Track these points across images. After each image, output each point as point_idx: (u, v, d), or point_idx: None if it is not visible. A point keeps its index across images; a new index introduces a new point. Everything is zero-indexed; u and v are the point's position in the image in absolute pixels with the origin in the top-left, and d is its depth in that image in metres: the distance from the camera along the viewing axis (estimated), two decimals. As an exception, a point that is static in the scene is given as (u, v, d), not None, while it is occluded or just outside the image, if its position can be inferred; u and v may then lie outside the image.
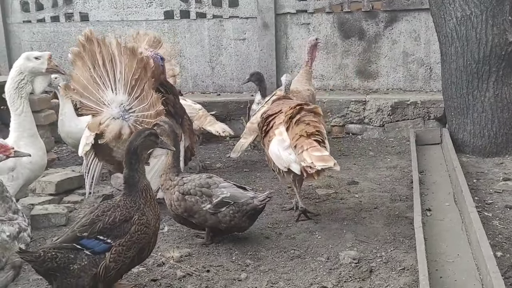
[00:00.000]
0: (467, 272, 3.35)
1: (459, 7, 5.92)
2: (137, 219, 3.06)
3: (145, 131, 3.23)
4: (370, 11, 7.87)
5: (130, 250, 3.04)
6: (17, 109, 4.06)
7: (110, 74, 4.50)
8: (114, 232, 2.99)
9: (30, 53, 4.24)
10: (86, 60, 4.51)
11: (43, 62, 4.21)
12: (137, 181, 3.14)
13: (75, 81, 4.55)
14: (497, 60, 5.88)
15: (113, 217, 3.01)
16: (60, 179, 5.15)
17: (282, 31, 8.11)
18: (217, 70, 8.38)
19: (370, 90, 7.96)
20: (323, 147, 4.13)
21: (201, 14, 8.33)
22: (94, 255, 2.95)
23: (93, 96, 4.53)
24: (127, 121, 4.50)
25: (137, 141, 3.15)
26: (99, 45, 4.49)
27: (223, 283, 3.42)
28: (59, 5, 8.61)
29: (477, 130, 6.07)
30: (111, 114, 4.49)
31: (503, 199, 4.70)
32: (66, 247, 2.93)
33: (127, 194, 3.13)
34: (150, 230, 3.13)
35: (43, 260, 2.86)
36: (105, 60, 4.49)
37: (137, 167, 3.14)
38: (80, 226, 3.01)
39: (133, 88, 4.49)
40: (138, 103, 4.51)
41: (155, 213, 3.18)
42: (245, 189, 4.05)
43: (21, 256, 2.87)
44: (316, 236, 4.11)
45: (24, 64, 4.16)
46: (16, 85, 4.12)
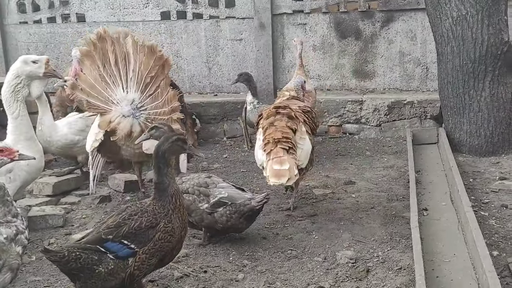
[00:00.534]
0: (463, 272, 3.36)
1: (455, 7, 5.94)
2: (162, 226, 3.01)
3: (173, 136, 3.19)
4: (366, 11, 7.88)
5: (153, 258, 3.01)
6: (14, 113, 4.05)
7: (122, 72, 4.56)
8: (139, 238, 2.95)
9: (27, 57, 4.20)
10: (95, 59, 4.56)
11: (41, 66, 4.18)
12: (167, 186, 3.09)
13: (82, 80, 4.60)
14: (493, 59, 5.90)
15: (139, 222, 2.97)
16: (57, 181, 5.15)
17: (279, 32, 8.11)
18: (214, 71, 8.39)
19: (367, 90, 7.98)
20: (291, 153, 4.21)
21: (197, 15, 8.33)
22: (117, 260, 2.93)
23: (100, 95, 4.57)
24: (137, 119, 4.56)
25: (164, 146, 3.12)
26: (112, 43, 4.54)
27: (221, 284, 3.43)
28: (56, 6, 8.60)
29: (473, 129, 6.09)
30: (121, 112, 4.54)
31: (499, 198, 4.72)
32: (90, 248, 2.92)
33: (157, 199, 3.09)
34: (174, 238, 3.08)
35: (67, 260, 2.87)
36: (118, 58, 4.56)
37: (166, 172, 3.10)
38: (106, 227, 2.99)
39: (147, 85, 4.58)
40: (150, 100, 4.59)
41: (182, 221, 3.13)
42: (244, 190, 4.05)
43: (46, 256, 2.89)
44: (313, 236, 4.12)
45: (21, 67, 4.14)
46: (12, 88, 4.09)
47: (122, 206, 3.37)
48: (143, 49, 4.61)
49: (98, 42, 4.58)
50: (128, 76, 4.57)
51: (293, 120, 4.43)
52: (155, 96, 4.61)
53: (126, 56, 4.59)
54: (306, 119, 4.57)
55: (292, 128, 4.36)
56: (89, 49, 4.59)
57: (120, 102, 4.56)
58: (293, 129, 4.36)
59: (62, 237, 4.26)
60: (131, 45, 4.61)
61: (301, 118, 4.52)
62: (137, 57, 4.58)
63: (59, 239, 4.23)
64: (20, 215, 3.02)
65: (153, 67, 4.60)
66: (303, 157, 4.33)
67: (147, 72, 4.58)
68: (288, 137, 4.27)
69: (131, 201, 5.09)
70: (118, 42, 4.60)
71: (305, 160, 4.36)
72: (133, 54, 4.59)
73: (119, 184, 5.37)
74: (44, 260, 3.85)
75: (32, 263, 3.81)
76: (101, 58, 4.57)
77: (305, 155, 4.35)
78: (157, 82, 4.61)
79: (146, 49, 4.61)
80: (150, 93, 4.60)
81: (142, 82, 4.57)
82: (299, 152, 4.31)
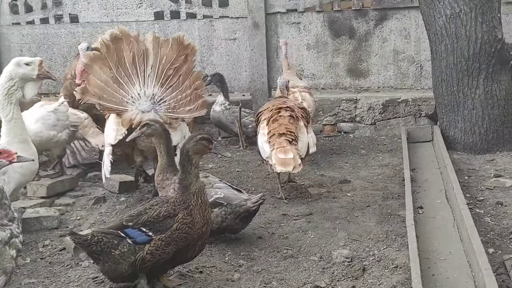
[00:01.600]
0: (459, 269, 3.36)
1: (448, 5, 5.94)
2: (181, 217, 3.15)
3: (198, 136, 3.27)
4: (360, 9, 7.88)
5: (169, 247, 3.13)
6: (7, 116, 4.03)
7: (140, 69, 4.68)
8: (156, 226, 3.13)
9: (20, 59, 4.17)
10: (107, 61, 4.63)
11: (34, 68, 4.16)
12: (189, 184, 3.21)
13: (92, 85, 4.65)
14: (487, 57, 5.91)
15: (157, 212, 3.15)
16: (51, 182, 5.12)
17: (273, 31, 8.10)
18: (208, 70, 8.35)
19: (361, 89, 7.98)
20: (294, 144, 4.71)
21: (191, 15, 8.31)
22: (135, 245, 3.10)
23: (113, 96, 4.64)
24: (157, 112, 4.66)
25: (188, 145, 3.23)
26: (130, 42, 4.66)
27: (216, 284, 3.42)
28: (49, 7, 8.55)
29: (468, 127, 6.10)
30: (139, 110, 4.63)
31: (494, 195, 4.73)
32: (112, 233, 3.14)
33: (180, 194, 3.23)
34: (194, 232, 3.18)
35: (89, 243, 3.11)
36: (135, 56, 4.66)
37: (189, 170, 3.22)
38: (128, 216, 3.22)
39: (168, 77, 4.74)
40: (171, 91, 4.74)
41: (204, 218, 3.23)
42: (240, 191, 4.04)
43: (71, 238, 3.18)
44: (309, 236, 4.11)
45: (14, 70, 4.11)
46: (6, 91, 4.06)
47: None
48: (167, 43, 4.78)
49: (112, 43, 4.64)
50: (146, 72, 4.70)
51: (294, 116, 4.91)
52: (176, 84, 4.78)
53: (144, 53, 4.70)
54: (303, 115, 5.03)
55: (294, 123, 4.86)
56: (99, 52, 4.65)
57: (137, 100, 4.66)
58: (295, 124, 4.86)
59: (56, 238, 4.24)
60: (151, 41, 4.76)
61: (299, 114, 5.00)
62: (158, 52, 4.72)
63: (54, 240, 4.20)
64: (16, 219, 3.01)
65: (177, 58, 4.78)
66: (303, 148, 4.85)
67: (169, 64, 4.74)
68: (291, 131, 4.78)
69: (126, 202, 5.08)
70: (137, 40, 4.72)
71: (304, 151, 4.87)
72: (153, 49, 4.72)
73: (113, 185, 5.35)
74: (38, 262, 3.85)
75: (26, 265, 3.79)
76: (113, 59, 4.63)
77: (304, 147, 4.88)
78: (180, 71, 4.79)
79: (171, 42, 4.79)
80: (172, 84, 4.76)
81: (163, 75, 4.72)
82: (300, 144, 4.80)
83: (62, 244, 4.07)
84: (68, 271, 3.68)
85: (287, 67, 6.68)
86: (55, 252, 3.99)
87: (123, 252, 3.10)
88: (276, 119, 4.89)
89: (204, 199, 3.25)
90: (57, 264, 3.80)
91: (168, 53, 4.75)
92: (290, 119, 4.87)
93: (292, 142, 4.71)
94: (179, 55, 4.79)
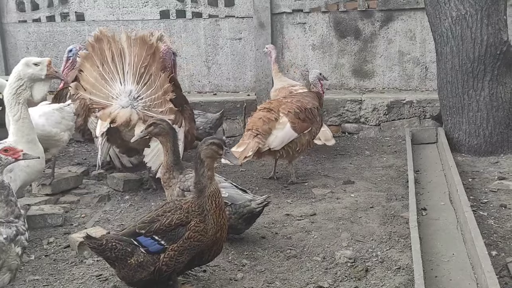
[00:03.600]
0: (462, 271, 3.36)
1: (454, 7, 5.94)
2: (193, 225, 3.10)
3: (209, 140, 3.26)
4: (365, 10, 7.88)
5: (182, 256, 3.09)
6: (15, 115, 4.05)
7: (119, 67, 4.89)
8: (169, 235, 3.08)
9: (29, 59, 4.20)
10: (95, 60, 4.90)
11: (42, 68, 4.19)
12: (203, 187, 3.18)
13: (84, 80, 4.93)
14: (492, 59, 5.90)
15: (170, 220, 3.10)
16: (56, 179, 5.14)
17: (278, 31, 8.11)
18: (213, 70, 8.38)
19: (366, 90, 7.98)
20: (258, 138, 5.13)
21: (197, 14, 8.33)
22: (148, 254, 3.07)
23: (101, 92, 4.90)
24: (135, 108, 4.85)
25: (200, 148, 3.23)
26: (108, 42, 4.89)
27: (219, 283, 3.43)
28: (55, 5, 8.58)
29: (472, 129, 6.09)
30: (120, 105, 4.84)
31: (498, 198, 4.72)
32: (126, 240, 3.11)
33: (196, 197, 3.20)
34: (207, 239, 3.14)
35: (104, 249, 3.09)
36: (114, 55, 4.89)
37: (202, 173, 3.20)
38: (141, 222, 3.16)
39: (141, 75, 4.89)
40: (146, 89, 4.89)
41: (217, 223, 3.17)
42: (245, 191, 4.05)
43: (86, 242, 3.14)
44: (312, 236, 4.12)
45: (23, 70, 4.13)
46: (14, 91, 4.09)
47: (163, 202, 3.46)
48: (136, 42, 4.91)
49: (96, 43, 4.92)
50: (125, 70, 4.89)
51: (272, 112, 5.30)
52: (149, 83, 4.91)
53: (121, 51, 4.90)
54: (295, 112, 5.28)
55: (270, 118, 5.24)
56: (89, 51, 4.91)
57: (119, 95, 4.86)
58: (271, 119, 5.25)
59: (61, 236, 4.26)
60: (125, 40, 4.92)
61: (286, 111, 5.29)
62: (131, 51, 4.89)
63: (58, 238, 4.23)
64: (22, 216, 3.03)
65: (145, 56, 4.89)
66: (275, 142, 5.19)
67: (141, 63, 4.88)
68: (257, 125, 5.22)
69: (130, 200, 5.10)
70: (113, 40, 4.90)
71: (279, 144, 5.20)
72: (127, 48, 4.90)
73: (118, 183, 5.37)
74: (43, 259, 3.87)
75: (31, 262, 3.81)
76: (99, 57, 4.90)
77: (278, 141, 5.19)
78: (150, 70, 4.91)
79: (138, 41, 4.91)
80: (145, 81, 4.90)
81: (137, 73, 4.87)
82: (272, 138, 5.19)
83: (67, 242, 4.09)
84: (72, 268, 3.70)
85: (277, 71, 6.84)
86: (60, 250, 4.01)
87: (140, 262, 3.07)
88: (252, 115, 5.52)
89: (219, 203, 3.19)
90: (61, 261, 3.83)
91: (138, 52, 4.91)
92: (265, 115, 5.28)
93: (258, 136, 5.15)
94: (147, 54, 4.91)
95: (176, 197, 3.89)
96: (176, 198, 3.87)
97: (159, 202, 4.88)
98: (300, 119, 5.30)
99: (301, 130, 5.29)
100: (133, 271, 3.09)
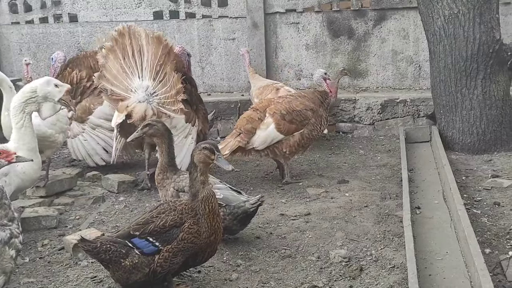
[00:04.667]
0: (456, 270, 3.38)
1: (446, 6, 5.96)
2: (187, 227, 3.10)
3: (201, 145, 3.27)
4: (359, 9, 7.90)
5: (176, 257, 3.10)
6: (18, 123, 4.05)
7: (138, 63, 5.12)
8: (163, 236, 3.08)
9: (52, 80, 4.28)
10: (118, 53, 5.13)
11: (61, 91, 4.23)
12: (197, 191, 3.19)
13: (107, 71, 5.14)
14: (485, 58, 5.93)
15: (164, 221, 3.10)
16: (50, 181, 5.13)
17: (272, 31, 8.12)
18: (207, 70, 8.39)
19: (360, 89, 8.00)
20: (240, 137, 5.27)
21: (190, 14, 8.33)
22: (143, 255, 3.07)
23: (122, 84, 5.12)
24: (150, 104, 5.04)
25: (194, 152, 3.25)
26: (129, 37, 5.13)
27: (214, 284, 3.44)
28: (48, 6, 8.57)
29: (465, 127, 6.12)
30: (137, 99, 5.04)
31: (491, 196, 4.74)
32: (120, 242, 3.10)
33: (190, 201, 3.21)
34: (200, 241, 3.14)
35: (98, 251, 3.08)
36: (134, 51, 5.12)
37: (195, 177, 3.20)
38: (135, 223, 3.16)
39: (157, 73, 5.11)
40: (161, 86, 5.09)
41: (211, 226, 3.17)
42: (240, 192, 4.05)
43: (80, 244, 3.13)
44: (307, 236, 4.13)
45: (42, 85, 4.16)
46: (24, 99, 4.10)
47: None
48: (153, 40, 5.14)
49: (119, 38, 5.14)
50: (143, 66, 5.12)
51: (257, 111, 5.40)
52: (164, 82, 5.11)
53: (141, 48, 5.14)
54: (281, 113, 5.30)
55: (253, 118, 5.35)
56: (113, 44, 5.13)
57: (137, 89, 5.07)
58: (255, 118, 5.34)
59: (55, 238, 4.25)
60: (144, 37, 5.15)
61: (272, 111, 5.32)
62: (149, 48, 5.12)
63: (53, 240, 4.22)
64: (16, 219, 3.02)
65: (161, 55, 5.13)
66: (257, 141, 5.26)
67: (157, 61, 5.11)
68: (240, 124, 5.36)
69: (124, 201, 5.10)
70: (134, 36, 5.14)
71: (260, 144, 5.27)
72: (146, 45, 5.14)
73: (112, 184, 5.37)
74: (37, 261, 3.86)
75: (25, 265, 3.80)
76: (121, 51, 5.13)
77: (260, 141, 5.27)
78: (165, 69, 5.12)
79: (155, 40, 5.15)
80: (160, 79, 5.11)
81: (154, 70, 5.10)
82: (255, 138, 5.27)
83: (61, 244, 4.08)
84: (66, 270, 3.70)
85: (253, 72, 6.92)
86: (54, 252, 4.00)
87: (134, 263, 3.06)
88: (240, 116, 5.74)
89: (212, 207, 3.18)
90: (55, 263, 3.82)
91: (154, 50, 5.14)
92: (250, 115, 5.41)
93: (240, 135, 5.30)
94: (162, 53, 5.14)
95: (171, 197, 3.90)
96: (171, 198, 3.88)
97: (153, 203, 4.88)
98: (286, 120, 5.28)
99: (287, 131, 5.28)
100: (128, 273, 3.08)
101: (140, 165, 6.23)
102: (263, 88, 6.59)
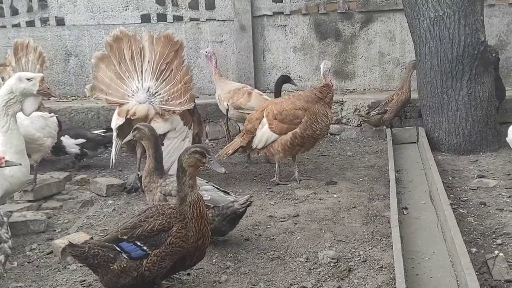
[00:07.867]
0: (443, 269, 3.41)
1: (432, 8, 6.02)
2: (175, 231, 3.10)
3: (192, 148, 3.25)
4: (346, 12, 7.95)
5: (165, 261, 3.10)
6: (3, 127, 4.04)
7: (137, 65, 5.19)
8: (151, 241, 3.08)
9: (22, 74, 4.19)
10: (111, 59, 5.17)
11: (35, 84, 4.16)
12: (185, 195, 3.19)
13: (99, 81, 5.17)
14: (470, 59, 5.99)
15: (152, 225, 3.10)
16: (38, 185, 5.11)
17: (259, 33, 8.15)
18: (195, 73, 8.37)
19: (347, 91, 8.04)
20: (243, 137, 5.56)
21: (178, 17, 8.33)
22: (131, 260, 3.07)
23: (117, 92, 5.15)
24: (152, 104, 5.13)
25: (183, 156, 3.22)
26: (129, 41, 5.19)
27: (204, 286, 3.45)
28: (35, 10, 8.54)
29: (452, 128, 6.18)
30: (137, 101, 5.11)
31: (477, 196, 4.80)
32: (108, 246, 3.09)
33: (178, 205, 3.21)
34: (188, 245, 3.14)
35: (86, 256, 3.06)
36: (134, 53, 5.20)
37: (184, 182, 3.20)
38: (123, 227, 3.15)
39: (162, 72, 5.20)
40: (165, 84, 5.19)
41: (199, 230, 3.17)
42: (228, 193, 4.07)
43: (68, 249, 3.11)
44: (296, 237, 4.15)
45: (15, 84, 4.11)
46: (4, 103, 4.07)
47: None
48: (159, 40, 5.24)
49: (114, 43, 5.18)
50: (143, 67, 5.19)
51: (257, 111, 5.59)
52: (169, 79, 5.21)
53: (141, 50, 5.22)
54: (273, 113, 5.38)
55: (252, 118, 5.54)
56: (107, 51, 5.17)
57: (136, 92, 5.14)
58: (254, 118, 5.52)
59: (44, 242, 4.24)
60: (146, 39, 5.25)
61: (267, 111, 5.43)
62: (152, 49, 5.21)
63: (41, 244, 4.20)
64: (5, 224, 3.01)
65: (168, 53, 5.23)
66: (256, 141, 5.48)
67: (162, 60, 5.20)
68: (245, 124, 5.62)
69: (113, 205, 5.09)
70: (134, 39, 5.22)
71: (258, 143, 5.48)
72: (148, 47, 5.22)
73: (101, 188, 5.36)
74: (26, 266, 3.85)
75: (14, 269, 3.78)
76: (116, 57, 5.17)
77: (257, 140, 5.47)
78: (171, 66, 5.23)
79: (162, 39, 5.25)
80: (165, 77, 5.20)
81: (157, 70, 5.19)
82: (255, 137, 5.47)
83: (49, 248, 4.07)
84: (55, 274, 3.69)
85: (218, 75, 6.75)
86: (43, 256, 3.99)
87: (123, 268, 3.06)
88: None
89: (201, 211, 3.18)
90: (44, 267, 3.81)
91: (161, 50, 5.21)
92: (249, 116, 5.65)
93: (244, 136, 5.57)
94: (170, 51, 5.23)
95: (158, 201, 3.90)
96: (158, 202, 3.89)
97: (142, 206, 4.87)
98: (278, 120, 5.35)
99: (280, 131, 5.35)
100: (116, 277, 3.08)
101: (129, 169, 6.23)
102: (233, 91, 6.41)
